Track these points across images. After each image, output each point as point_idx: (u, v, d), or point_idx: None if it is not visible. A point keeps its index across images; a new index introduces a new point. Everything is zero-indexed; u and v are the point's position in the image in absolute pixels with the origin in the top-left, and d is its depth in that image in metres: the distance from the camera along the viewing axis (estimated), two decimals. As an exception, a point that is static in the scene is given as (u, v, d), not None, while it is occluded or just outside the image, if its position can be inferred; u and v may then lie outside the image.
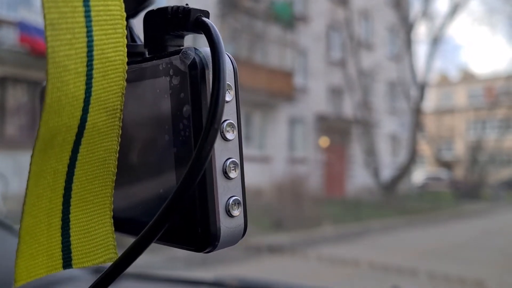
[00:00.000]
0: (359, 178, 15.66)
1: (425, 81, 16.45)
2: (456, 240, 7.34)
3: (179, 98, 0.27)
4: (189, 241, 0.27)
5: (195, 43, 0.31)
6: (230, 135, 0.27)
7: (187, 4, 0.29)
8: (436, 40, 16.56)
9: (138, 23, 0.35)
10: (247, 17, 12.74)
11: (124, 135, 0.29)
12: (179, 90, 0.27)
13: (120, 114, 0.27)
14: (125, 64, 0.27)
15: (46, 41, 0.23)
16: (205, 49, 0.27)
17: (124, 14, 0.26)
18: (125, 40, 0.26)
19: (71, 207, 0.27)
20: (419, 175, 23.48)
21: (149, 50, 0.31)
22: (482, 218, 10.97)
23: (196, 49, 0.27)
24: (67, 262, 0.28)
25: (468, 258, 5.76)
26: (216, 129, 0.25)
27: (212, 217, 0.27)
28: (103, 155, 0.27)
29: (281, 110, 14.08)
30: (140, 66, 0.29)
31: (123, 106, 0.27)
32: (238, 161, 0.27)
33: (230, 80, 0.27)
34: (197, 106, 0.26)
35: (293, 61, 14.40)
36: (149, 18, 0.30)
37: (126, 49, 0.27)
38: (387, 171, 15.75)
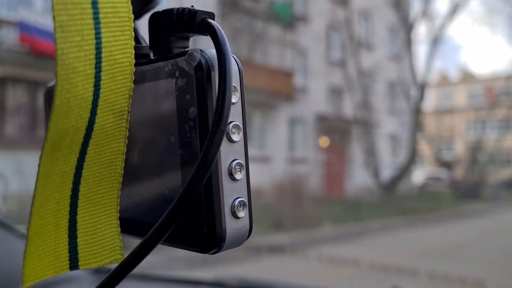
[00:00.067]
0: (359, 178, 15.66)
1: (425, 81, 16.44)
2: (456, 240, 7.34)
3: (185, 100, 0.27)
4: (195, 242, 0.27)
5: (195, 44, 0.31)
6: (236, 137, 0.27)
7: (193, 6, 0.29)
8: (436, 40, 16.57)
9: (142, 24, 0.35)
10: (247, 17, 12.74)
11: (130, 137, 0.29)
12: (185, 92, 0.27)
13: (128, 116, 0.27)
14: (133, 66, 0.27)
15: (56, 43, 0.23)
16: (211, 51, 0.27)
17: (132, 16, 0.26)
18: (133, 42, 0.26)
19: (78, 209, 0.27)
20: (419, 175, 23.47)
21: (155, 52, 0.31)
22: (482, 218, 10.97)
23: (202, 51, 0.27)
24: (74, 263, 0.28)
25: (468, 258, 5.76)
26: (223, 131, 0.25)
27: (218, 219, 0.27)
28: (110, 157, 0.27)
29: (281, 110, 14.07)
30: (146, 68, 0.29)
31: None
32: (244, 163, 0.28)
33: (236, 82, 0.27)
34: (203, 108, 0.26)
35: (293, 61, 14.40)
36: (155, 20, 0.30)
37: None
38: (387, 171, 15.75)
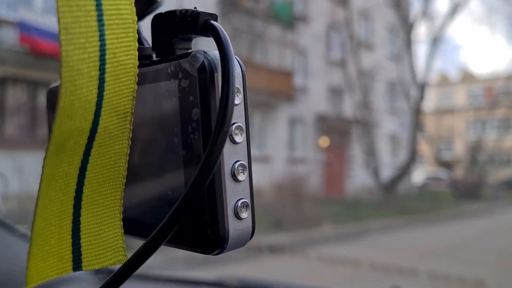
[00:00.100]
0: (359, 178, 15.66)
1: (425, 81, 16.45)
2: (456, 240, 7.34)
3: (188, 101, 0.27)
4: (198, 243, 0.28)
5: (196, 45, 0.31)
6: (239, 138, 0.27)
7: (196, 7, 0.29)
8: (436, 40, 16.57)
9: (145, 25, 0.35)
10: (247, 17, 12.73)
11: (133, 138, 0.29)
12: (188, 93, 0.27)
13: (131, 118, 0.27)
14: (136, 68, 0.27)
15: (60, 45, 0.23)
16: (214, 52, 0.27)
17: (135, 18, 0.26)
18: (136, 44, 0.27)
19: (82, 210, 0.28)
20: (419, 175, 23.48)
21: (157, 53, 0.31)
22: (482, 218, 10.97)
23: (205, 52, 0.27)
24: (77, 264, 0.28)
25: (468, 258, 5.76)
26: (226, 132, 0.25)
27: (221, 220, 0.27)
28: (114, 158, 0.28)
29: (281, 110, 14.07)
30: (149, 69, 0.29)
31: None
32: (247, 164, 0.28)
33: (239, 84, 0.27)
34: (206, 109, 0.26)
35: (293, 61, 14.40)
36: (157, 21, 0.30)
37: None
38: (387, 171, 15.75)
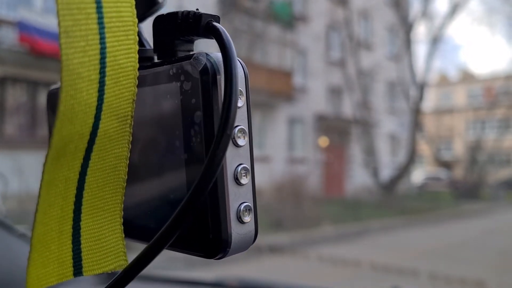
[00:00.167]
0: (359, 178, 15.66)
1: (425, 81, 16.45)
2: (456, 240, 7.34)
3: (190, 104, 0.27)
4: (200, 248, 0.27)
5: (195, 47, 0.31)
6: (242, 141, 0.27)
7: (198, 9, 0.29)
8: (436, 40, 16.58)
9: (146, 27, 0.35)
10: (247, 17, 12.73)
11: (134, 141, 0.28)
12: (190, 96, 0.27)
13: (131, 121, 0.27)
14: (137, 71, 0.26)
15: (60, 49, 0.23)
16: (216, 55, 0.27)
17: (136, 20, 0.26)
18: (137, 47, 0.26)
19: (82, 215, 0.27)
20: (419, 175, 23.47)
21: (159, 55, 0.30)
22: (482, 218, 10.97)
23: (208, 54, 0.27)
24: (78, 270, 0.28)
25: (468, 258, 5.76)
26: (229, 135, 0.24)
27: (224, 224, 0.26)
28: (114, 162, 0.27)
29: (281, 110, 14.07)
30: (150, 71, 0.29)
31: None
32: (249, 167, 0.27)
33: (242, 86, 0.27)
34: (209, 112, 0.26)
35: (293, 61, 14.40)
36: (159, 23, 0.30)
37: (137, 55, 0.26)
38: (387, 171, 15.76)
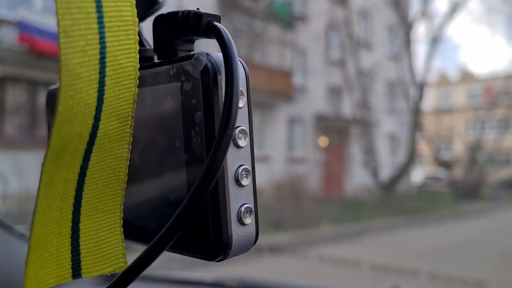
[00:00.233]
0: (358, 178, 15.66)
1: (424, 81, 16.46)
2: (456, 240, 7.34)
3: (191, 104, 0.26)
4: (201, 250, 0.27)
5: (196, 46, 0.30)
6: (242, 142, 0.27)
7: (198, 9, 0.28)
8: (435, 40, 16.59)
9: (146, 26, 0.35)
10: (247, 17, 12.73)
11: (134, 142, 0.28)
12: (191, 96, 0.26)
13: (132, 121, 0.27)
14: (137, 71, 0.26)
15: (60, 48, 0.23)
16: (217, 55, 0.26)
17: (137, 20, 0.26)
18: (137, 46, 0.26)
19: (81, 216, 0.27)
20: (418, 175, 23.47)
21: (159, 55, 0.30)
22: (482, 218, 10.98)
23: (208, 54, 0.26)
24: (77, 272, 0.27)
25: (468, 258, 5.76)
26: (230, 136, 0.24)
27: (224, 226, 0.26)
28: (114, 163, 0.27)
29: (280, 110, 14.07)
30: (150, 71, 0.29)
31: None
32: (250, 168, 0.27)
33: (243, 86, 0.27)
34: (210, 113, 0.26)
35: (292, 61, 14.40)
36: (159, 23, 0.30)
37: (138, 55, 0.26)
38: (386, 171, 15.76)
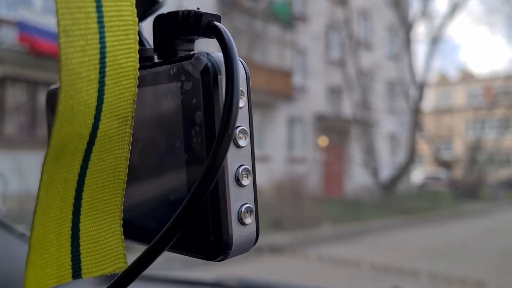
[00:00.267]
0: (358, 178, 15.66)
1: (424, 81, 16.46)
2: (456, 240, 7.34)
3: (191, 104, 0.26)
4: (201, 250, 0.27)
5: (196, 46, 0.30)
6: (243, 142, 0.26)
7: (198, 8, 0.28)
8: (435, 40, 16.58)
9: (146, 26, 0.35)
10: (247, 17, 12.73)
11: (134, 142, 0.28)
12: (191, 96, 0.26)
13: (131, 121, 0.27)
14: (137, 70, 0.26)
15: (60, 48, 0.23)
16: (218, 54, 0.26)
17: (136, 20, 0.26)
18: (137, 46, 0.26)
19: (81, 216, 0.27)
20: (418, 175, 23.47)
21: (159, 55, 0.30)
22: (482, 218, 10.98)
23: (209, 54, 0.26)
24: (77, 272, 0.27)
25: (468, 258, 5.76)
26: (230, 136, 0.24)
27: (225, 225, 0.26)
28: (114, 163, 0.27)
29: (280, 110, 14.07)
30: (150, 71, 0.29)
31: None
32: (250, 168, 0.27)
33: (243, 86, 0.27)
34: (210, 112, 0.26)
35: (292, 61, 14.40)
36: (159, 22, 0.29)
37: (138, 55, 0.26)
38: (386, 171, 15.76)
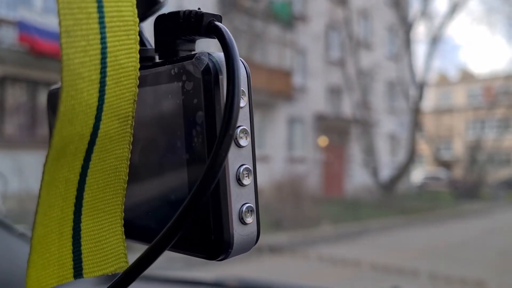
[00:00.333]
0: (358, 178, 15.66)
1: (424, 81, 16.46)
2: (456, 240, 7.35)
3: (192, 104, 0.26)
4: (202, 249, 0.27)
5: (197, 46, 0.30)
6: (244, 142, 0.27)
7: (199, 8, 0.28)
8: (435, 40, 16.59)
9: (147, 26, 0.35)
10: (247, 17, 12.73)
11: (135, 142, 0.28)
12: (192, 96, 0.26)
13: (132, 121, 0.27)
14: (138, 71, 0.26)
15: (61, 48, 0.23)
16: (219, 54, 0.26)
17: (137, 20, 0.26)
18: (138, 46, 0.26)
19: (82, 216, 0.27)
20: (418, 175, 23.48)
21: (160, 55, 0.30)
22: (481, 218, 10.98)
23: (210, 54, 0.26)
24: (78, 272, 0.27)
25: (468, 258, 5.76)
26: (231, 136, 0.24)
27: (226, 225, 0.26)
28: (115, 163, 0.27)
29: (280, 110, 14.07)
30: (151, 71, 0.29)
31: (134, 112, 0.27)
32: (251, 168, 0.27)
33: (244, 86, 0.27)
34: (211, 112, 0.26)
35: (292, 61, 14.40)
36: (160, 22, 0.30)
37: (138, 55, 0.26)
38: (386, 171, 15.76)
